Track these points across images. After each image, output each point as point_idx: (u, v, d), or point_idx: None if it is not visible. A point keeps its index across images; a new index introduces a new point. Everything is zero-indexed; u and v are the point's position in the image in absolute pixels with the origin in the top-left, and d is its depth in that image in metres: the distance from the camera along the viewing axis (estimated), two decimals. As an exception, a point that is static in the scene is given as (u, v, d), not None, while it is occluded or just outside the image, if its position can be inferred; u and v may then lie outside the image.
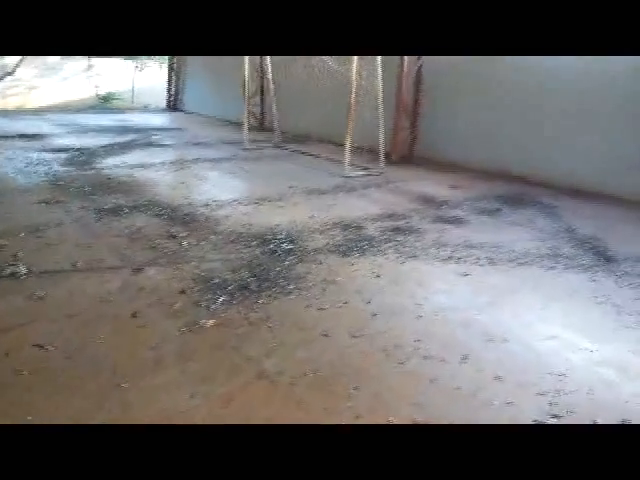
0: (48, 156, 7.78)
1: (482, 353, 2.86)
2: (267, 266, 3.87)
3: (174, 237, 4.46)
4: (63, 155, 7.94)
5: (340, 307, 3.29)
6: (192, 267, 3.83)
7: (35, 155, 7.79)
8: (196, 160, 8.00)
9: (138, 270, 3.73)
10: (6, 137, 9.17)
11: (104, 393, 2.35)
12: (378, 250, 4.36)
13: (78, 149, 8.39)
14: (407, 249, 4.42)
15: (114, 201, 5.52)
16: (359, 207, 5.73)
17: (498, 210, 5.82)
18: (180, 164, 7.68)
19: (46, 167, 7.07)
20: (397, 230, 4.94)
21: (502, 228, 5.18)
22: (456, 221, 5.34)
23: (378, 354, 2.77)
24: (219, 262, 3.95)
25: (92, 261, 3.87)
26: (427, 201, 6.13)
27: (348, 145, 7.36)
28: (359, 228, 4.95)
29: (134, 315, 3.07)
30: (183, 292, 3.40)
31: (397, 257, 4.22)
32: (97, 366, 2.55)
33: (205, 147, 9.26)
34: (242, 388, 2.42)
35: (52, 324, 2.93)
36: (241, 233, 4.63)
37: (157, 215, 5.10)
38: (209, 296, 3.34)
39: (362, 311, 3.27)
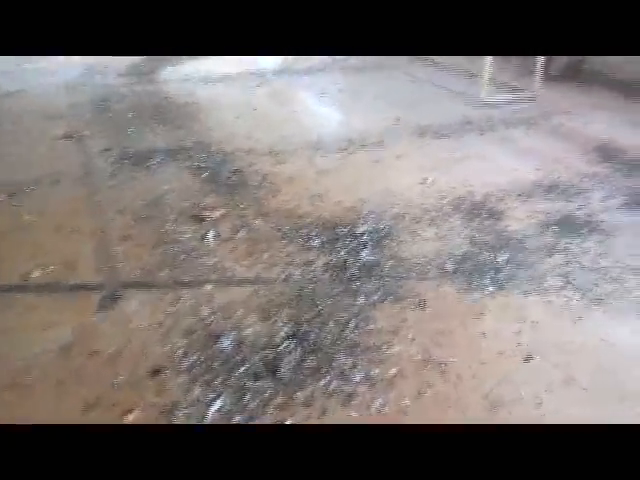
0: (111, 62, 6.45)
1: None
2: (324, 307, 2.19)
3: (201, 219, 2.91)
4: (129, 60, 6.55)
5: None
6: (200, 297, 2.27)
7: (97, 60, 6.51)
8: (282, 71, 6.18)
9: (113, 299, 2.27)
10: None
11: None
12: (530, 276, 2.45)
13: (148, 52, 6.96)
14: (585, 276, 2.45)
15: (151, 139, 4.05)
16: (500, 165, 3.67)
17: None
18: (260, 77, 5.90)
19: (100, 78, 5.76)
20: (564, 223, 2.91)
21: None
22: (671, 206, 3.14)
23: None
24: (248, 287, 2.34)
25: (58, 267, 2.47)
26: (609, 155, 3.85)
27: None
28: (497, 215, 3.00)
29: (43, 440, 1.63)
30: (157, 373, 1.87)
31: (567, 300, 2.29)
32: None
33: (299, 50, 7.32)
34: None
35: None
36: (302, 217, 2.93)
37: (196, 169, 3.54)
38: (197, 392, 1.79)
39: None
